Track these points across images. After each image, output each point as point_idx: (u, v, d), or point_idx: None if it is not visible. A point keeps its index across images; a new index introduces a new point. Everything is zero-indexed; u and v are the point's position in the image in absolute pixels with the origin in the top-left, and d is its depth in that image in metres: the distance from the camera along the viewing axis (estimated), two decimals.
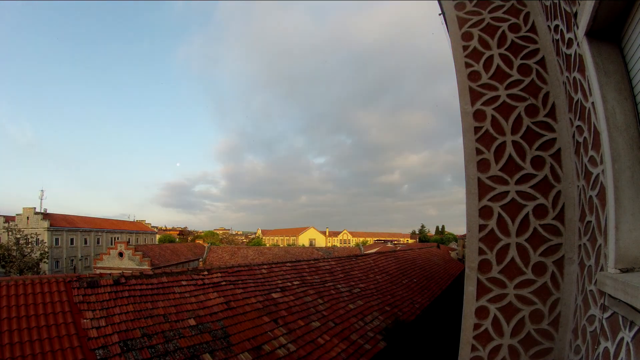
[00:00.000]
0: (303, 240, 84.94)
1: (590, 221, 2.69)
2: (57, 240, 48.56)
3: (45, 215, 48.70)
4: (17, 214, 48.71)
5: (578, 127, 2.89)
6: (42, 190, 52.46)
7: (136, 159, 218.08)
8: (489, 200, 3.41)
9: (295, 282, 10.41)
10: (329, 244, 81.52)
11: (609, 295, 2.17)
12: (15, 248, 37.18)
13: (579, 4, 2.41)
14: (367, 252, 28.39)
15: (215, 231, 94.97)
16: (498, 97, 3.51)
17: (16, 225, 44.46)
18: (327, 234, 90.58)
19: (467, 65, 3.66)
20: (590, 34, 2.34)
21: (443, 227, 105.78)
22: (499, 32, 3.62)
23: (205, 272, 8.78)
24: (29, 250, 38.33)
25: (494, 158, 3.44)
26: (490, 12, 3.71)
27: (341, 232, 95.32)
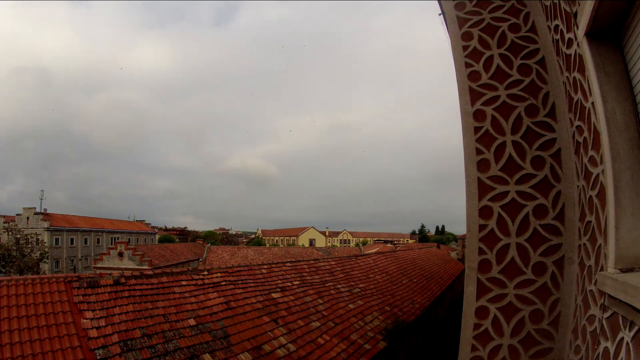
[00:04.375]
0: (303, 240, 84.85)
1: (590, 221, 2.69)
2: (57, 240, 48.48)
3: (45, 216, 48.65)
4: (17, 214, 48.65)
5: (578, 127, 2.89)
6: (42, 190, 52.50)
7: None
8: (489, 200, 3.41)
9: (295, 282, 10.41)
10: (329, 244, 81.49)
11: (609, 295, 2.17)
12: (15, 248, 37.13)
13: (579, 4, 2.41)
14: (367, 252, 28.40)
15: (215, 231, 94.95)
16: (498, 97, 3.51)
17: (16, 225, 44.40)
18: (327, 234, 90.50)
19: (467, 65, 3.67)
20: (590, 34, 2.34)
21: (443, 227, 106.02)
22: (499, 32, 3.62)
23: (205, 272, 8.78)
24: (29, 250, 38.29)
25: (494, 158, 3.44)
26: (490, 12, 3.71)
27: (341, 232, 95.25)
